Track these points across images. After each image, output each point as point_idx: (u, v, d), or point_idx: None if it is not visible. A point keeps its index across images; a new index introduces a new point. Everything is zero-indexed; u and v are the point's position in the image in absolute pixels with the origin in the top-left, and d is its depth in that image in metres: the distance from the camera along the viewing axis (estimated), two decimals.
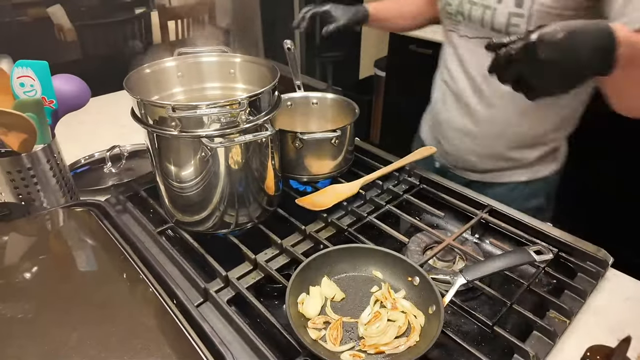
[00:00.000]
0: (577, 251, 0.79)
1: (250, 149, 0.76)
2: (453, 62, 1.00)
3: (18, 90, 0.75)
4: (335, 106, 1.09)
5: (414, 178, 1.03)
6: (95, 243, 0.68)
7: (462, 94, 0.99)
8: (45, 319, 0.54)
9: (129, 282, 0.61)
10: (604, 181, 1.92)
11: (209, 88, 0.90)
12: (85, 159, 1.11)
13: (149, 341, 0.51)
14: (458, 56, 0.98)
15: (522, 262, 0.69)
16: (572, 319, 0.68)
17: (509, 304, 0.68)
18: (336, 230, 0.87)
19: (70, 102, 0.84)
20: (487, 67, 0.61)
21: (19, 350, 0.49)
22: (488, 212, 0.89)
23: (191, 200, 0.79)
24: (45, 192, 0.80)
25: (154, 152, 0.76)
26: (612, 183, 1.93)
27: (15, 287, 0.58)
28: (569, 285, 0.73)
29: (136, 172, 1.05)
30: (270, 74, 0.81)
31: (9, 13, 2.45)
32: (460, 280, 0.66)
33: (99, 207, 0.77)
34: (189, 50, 0.87)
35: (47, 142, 0.79)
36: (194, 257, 0.80)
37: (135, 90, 0.74)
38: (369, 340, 0.62)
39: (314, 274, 0.71)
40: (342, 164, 0.99)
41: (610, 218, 1.91)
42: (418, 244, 0.83)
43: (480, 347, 0.67)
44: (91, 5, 2.71)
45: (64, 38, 2.65)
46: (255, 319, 0.70)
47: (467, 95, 0.98)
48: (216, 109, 0.67)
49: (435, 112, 1.12)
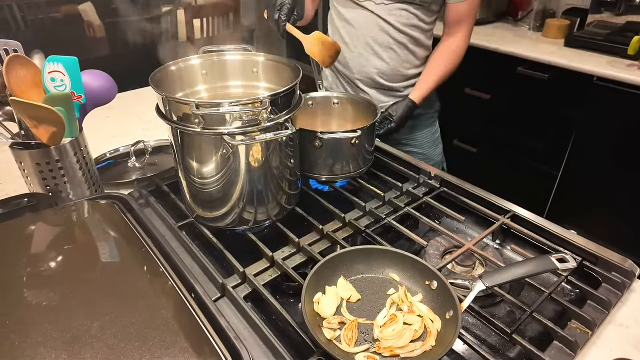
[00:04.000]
0: (602, 261, 0.77)
1: (271, 148, 0.77)
2: (375, 24, 1.22)
3: (49, 85, 0.78)
4: (356, 106, 1.08)
5: (435, 181, 1.02)
6: (118, 235, 0.70)
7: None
8: (68, 307, 0.55)
9: (149, 274, 0.62)
10: (636, 190, 1.86)
11: (232, 86, 0.91)
12: (110, 153, 1.14)
13: (166, 333, 0.52)
14: (380, 17, 1.19)
15: (544, 270, 0.67)
16: (594, 330, 0.66)
17: (529, 312, 0.66)
18: (354, 231, 0.86)
19: (98, 98, 0.87)
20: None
21: (43, 336, 0.51)
22: (510, 218, 0.87)
23: (212, 197, 0.80)
24: (72, 185, 0.83)
25: (177, 148, 0.78)
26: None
27: (41, 275, 0.60)
28: (592, 295, 0.71)
29: (159, 167, 1.07)
30: (292, 73, 0.81)
31: (43, 10, 2.53)
32: (479, 286, 0.65)
33: (122, 201, 0.78)
34: (214, 48, 0.88)
35: (75, 136, 0.81)
36: (212, 253, 0.82)
37: (161, 87, 0.76)
38: (384, 343, 0.61)
39: (330, 274, 0.70)
40: (361, 164, 0.99)
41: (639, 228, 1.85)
42: (437, 247, 0.82)
43: (497, 355, 0.66)
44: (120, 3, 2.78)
45: (93, 35, 2.72)
46: (271, 316, 0.70)
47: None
48: (239, 107, 0.68)
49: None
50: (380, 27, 1.21)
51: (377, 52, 1.24)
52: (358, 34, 1.24)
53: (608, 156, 1.87)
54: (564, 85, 1.89)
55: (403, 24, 1.20)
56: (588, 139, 1.91)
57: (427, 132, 1.41)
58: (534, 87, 1.99)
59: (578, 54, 1.93)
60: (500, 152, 2.25)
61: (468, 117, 2.24)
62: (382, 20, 1.20)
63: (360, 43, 1.24)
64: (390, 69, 1.27)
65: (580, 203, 1.99)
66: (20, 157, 0.79)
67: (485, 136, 2.28)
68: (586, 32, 2.04)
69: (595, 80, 1.79)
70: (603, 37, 1.95)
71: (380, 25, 1.20)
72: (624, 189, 1.84)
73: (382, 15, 1.19)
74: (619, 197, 1.87)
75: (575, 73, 1.83)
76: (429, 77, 1.25)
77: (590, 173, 1.94)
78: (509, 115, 2.15)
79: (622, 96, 1.74)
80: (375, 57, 1.25)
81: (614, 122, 1.81)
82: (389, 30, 1.21)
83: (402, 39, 1.22)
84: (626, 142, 1.78)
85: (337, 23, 1.28)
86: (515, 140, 2.17)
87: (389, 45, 1.23)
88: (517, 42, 2.07)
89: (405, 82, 1.31)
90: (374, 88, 1.31)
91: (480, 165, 2.29)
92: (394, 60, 1.26)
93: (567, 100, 1.91)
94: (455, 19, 1.21)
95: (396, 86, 1.30)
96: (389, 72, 1.27)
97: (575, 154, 1.96)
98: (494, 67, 2.01)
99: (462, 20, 1.22)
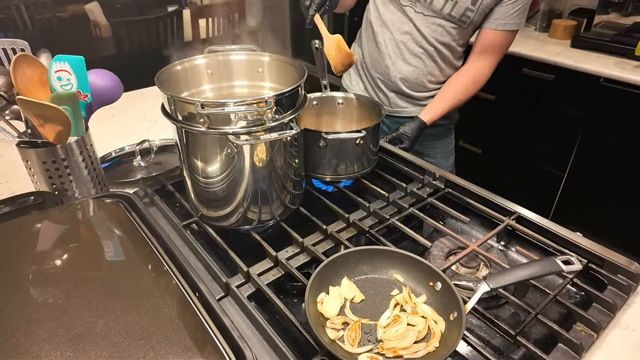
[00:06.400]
0: (608, 263, 0.76)
1: (275, 147, 0.77)
2: (410, 31, 1.23)
3: (55, 84, 0.78)
4: (360, 106, 1.08)
5: (439, 182, 1.01)
6: (122, 234, 0.70)
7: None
8: (73, 304, 0.55)
9: (154, 273, 0.62)
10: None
11: (237, 86, 0.91)
12: (115, 151, 1.14)
13: (170, 331, 0.52)
14: (416, 26, 1.21)
15: (549, 272, 0.67)
16: (599, 333, 0.65)
17: (534, 314, 0.66)
18: (357, 231, 0.86)
19: (104, 97, 0.87)
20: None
21: (48, 333, 0.51)
22: (515, 219, 0.87)
23: (216, 196, 0.80)
24: (77, 183, 0.83)
25: (182, 147, 0.78)
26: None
27: (46, 273, 0.61)
28: (598, 298, 0.70)
29: (164, 166, 1.08)
30: (297, 73, 0.81)
31: (50, 10, 2.55)
32: (483, 287, 0.64)
33: (127, 199, 0.79)
34: (219, 48, 0.88)
35: (81, 135, 0.82)
36: (216, 252, 0.82)
37: (166, 87, 0.76)
38: (388, 344, 0.61)
39: (334, 274, 0.70)
40: (365, 164, 0.99)
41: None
42: (441, 248, 0.82)
43: (501, 357, 0.65)
44: (126, 2, 2.79)
45: (99, 34, 2.74)
46: (274, 315, 0.70)
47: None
48: (243, 107, 0.68)
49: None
50: (413, 35, 1.22)
51: (405, 57, 1.25)
52: (392, 36, 1.25)
53: (614, 157, 1.86)
54: (570, 86, 1.88)
55: (436, 38, 1.21)
56: (594, 140, 1.90)
57: (443, 142, 1.41)
58: (539, 88, 1.98)
59: (584, 55, 1.92)
60: (506, 153, 2.24)
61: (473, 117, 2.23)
62: (416, 30, 1.21)
63: (392, 45, 1.25)
64: (414, 77, 1.28)
65: (586, 204, 1.98)
66: (27, 156, 0.79)
67: (490, 137, 2.27)
68: (593, 33, 2.03)
69: (602, 81, 1.78)
70: (610, 38, 1.93)
71: (414, 34, 1.22)
72: (630, 191, 1.83)
73: (418, 25, 1.20)
74: (625, 199, 1.85)
75: (582, 74, 1.82)
76: (444, 102, 1.25)
77: (596, 174, 1.93)
78: (514, 116, 2.14)
79: (629, 97, 1.72)
80: (403, 61, 1.26)
81: (621, 123, 1.80)
82: (421, 41, 1.22)
83: (432, 52, 1.23)
84: (633, 143, 1.77)
85: (373, 21, 1.29)
86: (520, 141, 2.16)
87: (418, 53, 1.24)
88: (523, 42, 2.06)
89: (425, 92, 1.31)
90: (394, 91, 1.32)
91: (485, 166, 2.28)
92: (420, 69, 1.27)
93: (573, 101, 1.90)
94: (486, 45, 1.20)
95: (416, 95, 1.31)
96: (412, 79, 1.28)
97: (581, 155, 1.95)
98: (500, 68, 2.00)
99: (493, 48, 1.20)
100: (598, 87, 1.79)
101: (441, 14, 1.15)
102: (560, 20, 2.16)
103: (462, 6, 1.13)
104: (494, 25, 1.16)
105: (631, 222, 1.84)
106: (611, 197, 1.89)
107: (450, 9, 1.14)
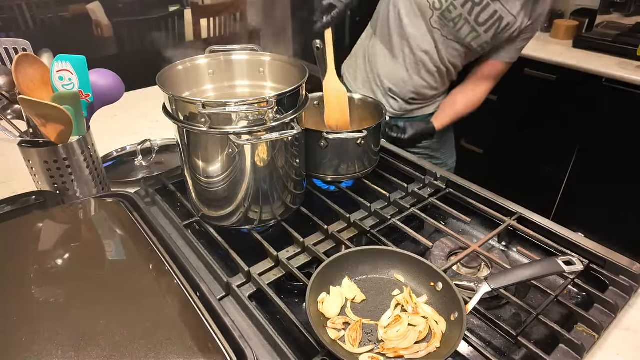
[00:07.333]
0: (610, 264, 0.76)
1: (277, 147, 0.77)
2: (429, 50, 1.26)
3: (57, 84, 0.78)
4: (362, 107, 1.08)
5: (440, 182, 1.01)
6: (124, 233, 0.70)
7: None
8: (75, 304, 0.56)
9: (155, 272, 0.62)
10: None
11: (238, 86, 0.91)
12: (117, 151, 1.15)
13: (171, 331, 0.52)
14: (436, 47, 1.25)
15: (550, 272, 0.67)
16: (601, 334, 0.65)
17: (535, 315, 0.66)
18: (358, 231, 0.86)
19: (105, 96, 0.87)
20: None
21: (50, 332, 0.51)
22: (516, 220, 0.87)
23: (217, 196, 0.80)
24: (79, 182, 0.83)
25: (183, 147, 0.78)
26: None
27: (48, 272, 0.61)
28: (599, 298, 0.70)
29: (166, 166, 1.08)
30: (298, 73, 0.81)
31: (51, 9, 2.55)
32: (484, 287, 0.64)
33: (128, 199, 0.79)
34: (220, 48, 0.88)
35: (83, 134, 0.82)
36: (218, 252, 0.82)
37: (168, 86, 0.76)
38: (389, 344, 0.61)
39: (335, 274, 0.70)
40: (367, 164, 0.99)
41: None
42: (442, 249, 0.82)
43: (502, 357, 0.65)
44: (127, 2, 2.79)
45: (101, 34, 2.74)
46: (275, 315, 0.70)
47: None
48: (245, 107, 0.68)
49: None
50: (432, 54, 1.25)
51: (422, 74, 1.29)
52: (412, 52, 1.26)
53: (616, 158, 1.85)
54: (572, 87, 1.88)
55: (449, 60, 1.25)
56: (596, 140, 1.89)
57: (448, 140, 1.47)
58: (541, 88, 1.97)
59: (586, 55, 1.92)
60: (507, 153, 2.24)
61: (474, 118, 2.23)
62: (436, 50, 1.24)
63: (410, 60, 1.27)
64: (423, 90, 1.32)
65: (588, 205, 1.98)
66: (28, 155, 0.79)
67: (491, 137, 2.27)
68: (595, 33, 2.02)
69: (603, 82, 1.78)
70: (612, 38, 1.93)
71: (433, 53, 1.24)
72: (632, 191, 1.82)
73: (439, 46, 1.23)
74: (627, 199, 1.85)
75: (584, 74, 1.82)
76: (449, 113, 1.32)
77: (598, 175, 1.92)
78: (516, 116, 2.13)
79: (631, 97, 1.72)
80: (419, 77, 1.29)
81: (623, 124, 1.79)
82: (437, 61, 1.26)
83: (443, 71, 1.28)
84: (634, 144, 1.76)
85: (392, 29, 1.26)
86: (522, 142, 2.15)
87: (432, 72, 1.28)
88: None
89: (425, 100, 1.36)
90: (402, 99, 1.35)
91: (487, 166, 2.27)
92: (430, 85, 1.31)
93: (575, 101, 1.90)
94: (486, 74, 1.29)
95: (421, 103, 1.37)
96: (421, 91, 1.32)
97: (582, 156, 1.95)
98: None
99: (493, 77, 1.29)
100: (600, 87, 1.79)
101: (463, 41, 1.20)
102: (562, 21, 2.15)
103: (483, 39, 1.18)
104: (500, 58, 1.24)
105: (633, 223, 1.83)
106: (613, 197, 1.89)
107: (472, 40, 1.19)
